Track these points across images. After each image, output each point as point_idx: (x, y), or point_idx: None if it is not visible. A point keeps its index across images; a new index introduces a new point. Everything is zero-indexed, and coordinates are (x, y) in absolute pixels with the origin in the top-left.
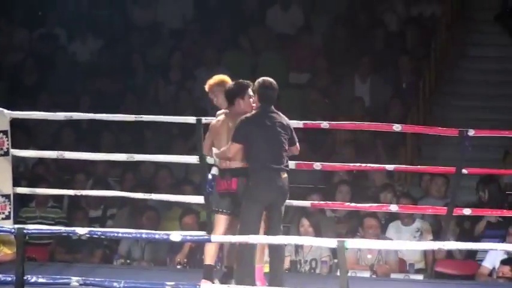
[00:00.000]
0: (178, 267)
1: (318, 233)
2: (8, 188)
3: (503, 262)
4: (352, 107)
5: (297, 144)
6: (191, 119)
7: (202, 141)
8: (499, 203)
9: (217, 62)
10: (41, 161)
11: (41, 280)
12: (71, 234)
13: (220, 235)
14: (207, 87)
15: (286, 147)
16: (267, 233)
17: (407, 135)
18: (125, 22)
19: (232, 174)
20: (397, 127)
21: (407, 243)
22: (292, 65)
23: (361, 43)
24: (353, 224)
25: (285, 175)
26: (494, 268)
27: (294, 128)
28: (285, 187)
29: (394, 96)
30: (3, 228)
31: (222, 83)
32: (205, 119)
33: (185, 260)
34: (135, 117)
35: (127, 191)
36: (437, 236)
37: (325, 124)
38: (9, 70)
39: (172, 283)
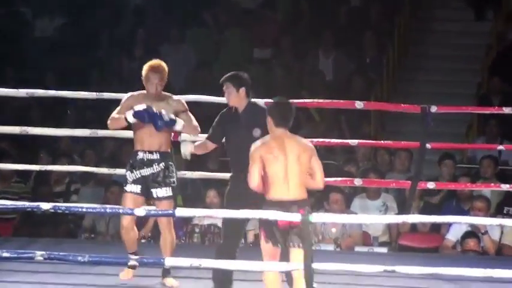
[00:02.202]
0: (143, 241)
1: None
2: None
3: (466, 235)
4: (314, 81)
5: None
6: None
7: None
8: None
9: (181, 39)
10: (4, 136)
11: (4, 255)
12: (35, 209)
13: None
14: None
15: None
16: None
17: (371, 112)
18: None
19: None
20: (359, 104)
21: (371, 217)
22: (256, 40)
23: (325, 18)
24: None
25: None
26: (458, 241)
27: None
28: None
29: (358, 72)
30: None
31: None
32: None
33: (149, 234)
34: (97, 94)
35: (91, 167)
36: (401, 209)
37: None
38: None
39: (137, 257)
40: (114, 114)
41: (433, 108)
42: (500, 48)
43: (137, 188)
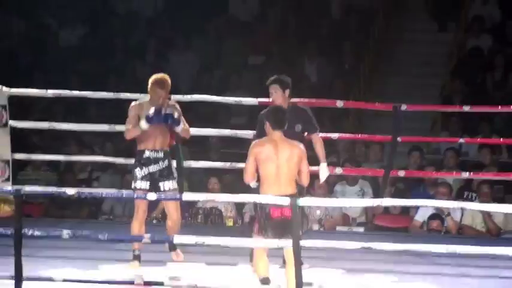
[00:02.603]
0: (154, 222)
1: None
2: (7, 155)
3: (432, 217)
4: (301, 84)
5: None
6: None
7: None
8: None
9: (186, 47)
10: (35, 131)
11: (36, 233)
12: (61, 194)
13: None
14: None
15: None
16: None
17: (350, 110)
18: (106, 11)
19: None
20: (339, 103)
21: (351, 201)
22: (250, 49)
23: (309, 30)
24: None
25: None
26: (424, 221)
27: (251, 106)
28: None
29: (338, 76)
30: (3, 189)
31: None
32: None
33: (160, 216)
34: (114, 94)
35: (110, 157)
36: (376, 194)
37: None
38: (7, 55)
39: (149, 235)
40: (127, 125)
41: (403, 107)
42: (460, 55)
43: (146, 185)
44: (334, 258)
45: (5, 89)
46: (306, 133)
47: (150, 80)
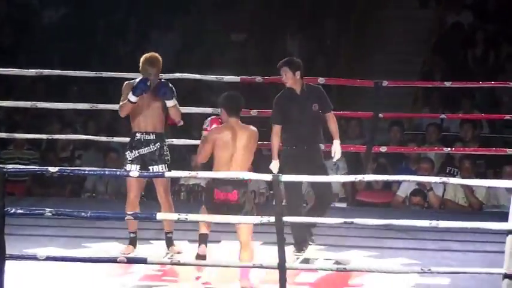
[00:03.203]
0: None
1: (255, 169)
2: None
3: (413, 192)
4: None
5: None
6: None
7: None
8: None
9: (168, 26)
10: (17, 110)
11: (19, 211)
12: (44, 172)
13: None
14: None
15: None
16: None
17: (331, 86)
18: None
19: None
20: (321, 80)
21: (335, 177)
22: (232, 26)
23: (291, 6)
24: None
25: None
26: (406, 197)
27: (232, 83)
28: None
29: (320, 52)
30: None
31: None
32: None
33: (143, 193)
34: (95, 73)
35: (92, 135)
36: (357, 170)
37: (259, 79)
38: None
39: (132, 212)
40: (121, 103)
41: (384, 83)
42: (441, 31)
43: (136, 167)
44: (317, 234)
45: None
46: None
47: (141, 59)
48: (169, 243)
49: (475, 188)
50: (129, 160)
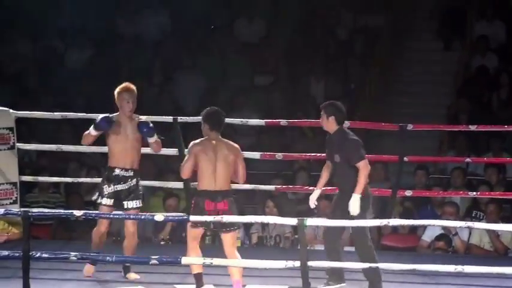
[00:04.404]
0: (162, 243)
1: (281, 213)
2: (14, 177)
3: (439, 237)
4: (307, 104)
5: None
6: (169, 118)
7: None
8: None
9: (192, 67)
10: (42, 153)
11: (44, 255)
12: (69, 216)
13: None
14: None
15: None
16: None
17: (356, 130)
18: (113, 33)
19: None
20: (345, 123)
21: (360, 221)
22: (257, 69)
23: (316, 50)
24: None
25: None
26: (432, 241)
27: (257, 126)
28: None
29: (344, 95)
30: (11, 211)
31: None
32: (181, 119)
33: (168, 237)
34: None
35: None
36: (382, 214)
37: (284, 122)
38: (15, 76)
39: (157, 257)
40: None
41: (409, 126)
42: (466, 74)
43: (110, 202)
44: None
45: (11, 111)
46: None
47: (116, 90)
48: (127, 270)
49: (500, 232)
50: (105, 194)
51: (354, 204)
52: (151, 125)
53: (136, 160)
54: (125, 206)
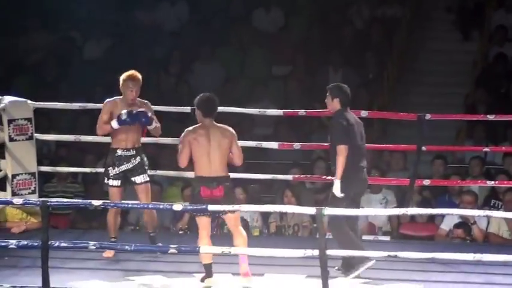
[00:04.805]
0: (180, 232)
1: (299, 202)
2: (33, 167)
3: (457, 225)
4: (325, 94)
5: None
6: (187, 109)
7: None
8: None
9: (211, 58)
10: (61, 143)
11: (63, 245)
12: (87, 206)
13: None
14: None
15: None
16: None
17: (374, 119)
18: (130, 24)
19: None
20: (364, 113)
21: (377, 210)
22: (274, 59)
23: (333, 40)
24: (328, 194)
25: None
26: (450, 230)
27: (275, 116)
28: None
29: (362, 85)
30: (30, 201)
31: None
32: None
33: (186, 227)
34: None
35: None
36: (401, 203)
37: (302, 112)
38: (33, 67)
39: (175, 246)
40: (99, 121)
41: (428, 116)
42: (484, 64)
43: (118, 182)
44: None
45: (29, 102)
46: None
47: (122, 77)
48: (153, 242)
49: None
50: (111, 176)
51: (335, 189)
52: (149, 114)
53: (138, 139)
54: (134, 181)
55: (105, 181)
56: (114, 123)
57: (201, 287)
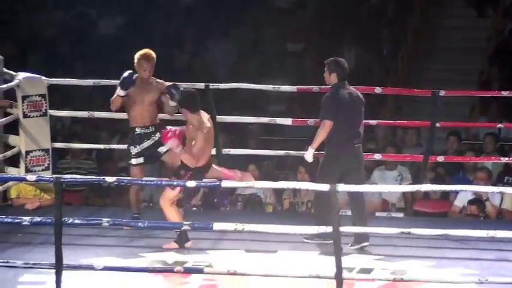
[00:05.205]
0: (194, 209)
1: (312, 178)
2: (47, 143)
3: (471, 202)
4: None
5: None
6: (201, 85)
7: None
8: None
9: (224, 35)
10: (75, 120)
11: (76, 221)
12: (101, 182)
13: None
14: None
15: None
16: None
17: (388, 96)
18: (145, 1)
19: None
20: (378, 89)
21: (390, 186)
22: (289, 36)
23: (348, 17)
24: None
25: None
26: (464, 206)
27: (289, 93)
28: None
29: (376, 62)
30: (44, 178)
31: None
32: (213, 85)
33: (199, 203)
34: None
35: None
36: (415, 179)
37: (315, 88)
38: (48, 43)
39: (189, 222)
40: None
41: (442, 93)
42: (498, 41)
43: (140, 160)
44: (373, 244)
45: (43, 78)
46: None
47: (136, 56)
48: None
49: None
50: (134, 154)
51: (306, 155)
52: (181, 88)
53: (155, 116)
54: (160, 153)
55: (129, 162)
56: (119, 91)
57: (216, 263)
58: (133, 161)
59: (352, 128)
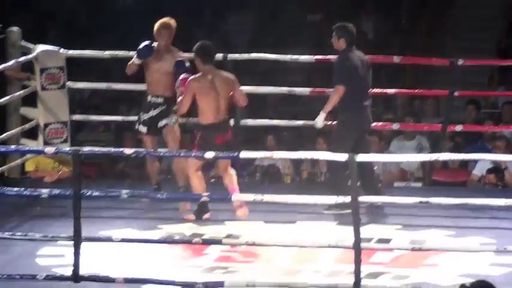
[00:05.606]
0: (212, 181)
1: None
2: (65, 116)
3: (489, 171)
4: (358, 40)
5: None
6: (219, 56)
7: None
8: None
9: (243, 6)
10: (94, 92)
11: (95, 194)
12: (119, 154)
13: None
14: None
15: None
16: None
17: (407, 65)
18: None
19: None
20: (396, 59)
21: (408, 156)
22: (308, 6)
23: None
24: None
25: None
26: (482, 175)
27: (307, 63)
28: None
29: (395, 31)
30: (62, 150)
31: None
32: (231, 56)
33: (218, 175)
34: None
35: None
36: (434, 149)
37: (334, 58)
38: (66, 15)
39: (207, 193)
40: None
41: (460, 61)
42: None
43: (145, 129)
44: (392, 213)
45: (62, 50)
46: None
47: (156, 24)
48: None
49: None
50: (141, 121)
51: (317, 120)
52: (187, 64)
53: (169, 89)
54: (159, 125)
55: (136, 127)
56: (135, 59)
57: (235, 234)
58: (140, 128)
59: (364, 91)
